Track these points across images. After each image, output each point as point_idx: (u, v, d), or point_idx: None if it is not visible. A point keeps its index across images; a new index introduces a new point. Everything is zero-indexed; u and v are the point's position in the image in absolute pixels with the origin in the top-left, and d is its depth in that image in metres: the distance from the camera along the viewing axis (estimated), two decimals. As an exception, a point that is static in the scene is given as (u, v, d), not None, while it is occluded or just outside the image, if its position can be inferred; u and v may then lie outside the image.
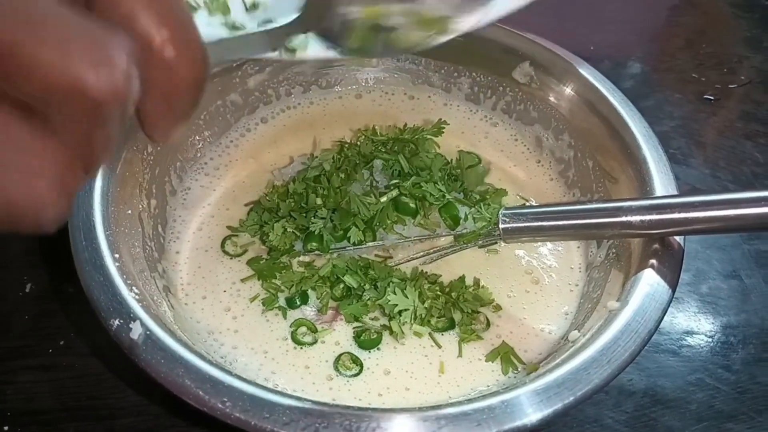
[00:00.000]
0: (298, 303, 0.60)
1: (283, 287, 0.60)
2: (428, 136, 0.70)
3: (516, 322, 0.60)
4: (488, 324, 0.60)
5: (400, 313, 0.57)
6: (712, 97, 0.88)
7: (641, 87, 0.90)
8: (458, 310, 0.59)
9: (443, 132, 0.70)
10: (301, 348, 0.57)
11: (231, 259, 0.63)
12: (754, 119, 0.86)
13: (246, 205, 0.68)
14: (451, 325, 0.59)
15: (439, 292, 0.60)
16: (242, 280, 0.62)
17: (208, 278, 0.62)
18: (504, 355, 0.57)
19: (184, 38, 0.22)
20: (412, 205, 0.64)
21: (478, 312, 0.60)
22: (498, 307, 0.61)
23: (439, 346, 0.58)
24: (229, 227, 0.66)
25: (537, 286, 0.63)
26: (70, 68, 0.18)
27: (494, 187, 0.69)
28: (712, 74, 0.91)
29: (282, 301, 0.60)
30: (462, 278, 0.62)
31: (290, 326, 0.58)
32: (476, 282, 0.62)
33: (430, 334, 0.58)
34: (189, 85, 0.23)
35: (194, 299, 0.60)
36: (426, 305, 0.58)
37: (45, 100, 0.19)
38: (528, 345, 0.59)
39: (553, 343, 0.58)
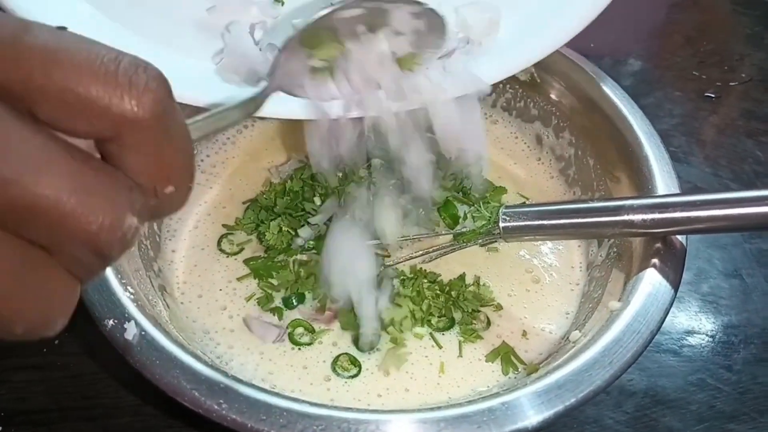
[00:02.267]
0: (295, 303, 0.59)
1: (279, 287, 0.60)
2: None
3: (516, 322, 0.60)
4: (489, 323, 0.59)
5: (396, 322, 0.57)
6: (712, 95, 0.88)
7: (641, 85, 0.89)
8: (458, 309, 0.58)
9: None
10: (299, 348, 0.57)
11: (227, 257, 0.63)
12: (755, 117, 0.85)
13: (243, 203, 0.67)
14: (451, 325, 0.58)
15: (438, 291, 0.59)
16: (238, 279, 0.61)
17: (204, 277, 0.61)
18: (504, 355, 0.56)
19: (183, 174, 0.24)
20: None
21: (479, 311, 0.59)
22: (499, 307, 0.60)
23: (440, 347, 0.57)
24: (224, 225, 0.65)
25: (538, 285, 0.62)
26: (89, 227, 0.21)
27: (494, 185, 0.68)
28: (712, 72, 0.91)
29: (278, 301, 0.59)
30: (462, 276, 0.61)
31: (287, 326, 0.58)
32: (476, 280, 0.61)
33: (430, 334, 0.58)
34: (175, 209, 0.25)
35: (190, 298, 0.60)
36: (425, 305, 0.58)
37: (56, 243, 0.21)
38: (528, 345, 0.58)
39: (553, 343, 0.58)
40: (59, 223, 0.20)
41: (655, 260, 0.52)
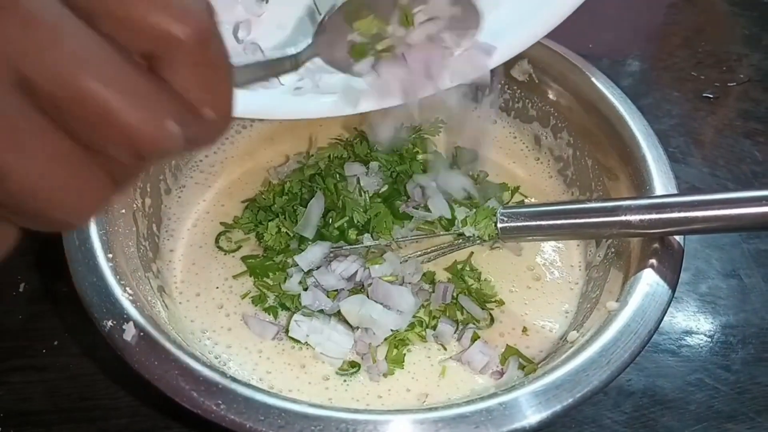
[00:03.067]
0: (290, 308, 0.59)
1: (273, 288, 0.60)
2: (426, 136, 0.69)
3: (517, 318, 0.60)
4: (492, 320, 0.59)
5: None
6: (711, 96, 0.88)
7: (640, 85, 0.89)
8: (460, 309, 0.58)
9: (440, 132, 0.69)
10: (298, 348, 0.57)
11: (225, 254, 0.63)
12: (753, 118, 0.85)
13: (242, 202, 0.67)
14: (454, 324, 0.58)
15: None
16: (234, 277, 0.61)
17: (202, 275, 0.61)
18: (511, 358, 0.56)
19: (221, 102, 0.25)
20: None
21: (483, 308, 0.59)
22: (501, 302, 0.60)
23: (444, 348, 0.57)
24: (222, 224, 0.65)
25: (538, 283, 0.62)
26: (132, 122, 0.22)
27: (507, 186, 0.68)
28: (710, 72, 0.91)
29: (272, 300, 0.59)
30: (457, 270, 0.61)
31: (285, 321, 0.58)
32: (478, 276, 0.61)
33: (433, 336, 0.58)
34: (216, 136, 0.26)
35: (188, 297, 0.60)
36: (424, 311, 0.58)
37: (98, 138, 0.22)
38: (529, 342, 0.58)
39: (554, 341, 0.58)
40: (103, 115, 0.21)
41: (652, 260, 0.52)
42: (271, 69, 0.37)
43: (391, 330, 0.56)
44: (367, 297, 0.57)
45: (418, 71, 0.49)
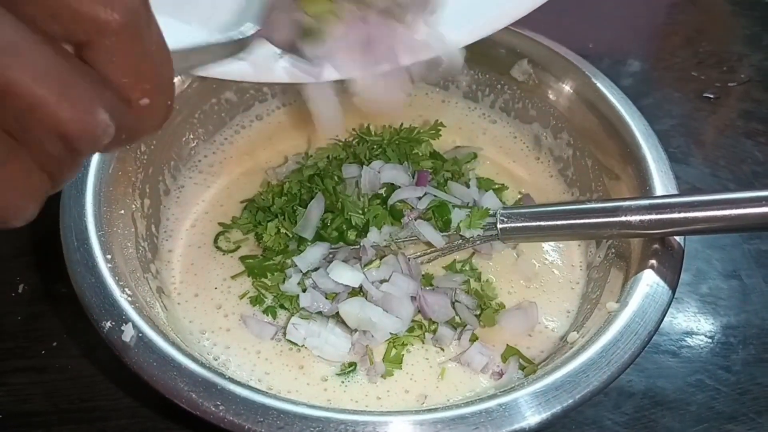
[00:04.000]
0: (289, 309, 0.59)
1: (271, 289, 0.60)
2: (425, 138, 0.69)
3: (519, 320, 0.59)
4: (493, 321, 0.59)
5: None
6: (711, 96, 0.88)
7: (640, 85, 0.89)
8: (458, 315, 0.58)
9: (440, 135, 0.69)
10: (296, 349, 0.57)
11: (224, 254, 0.63)
12: (754, 118, 0.85)
13: (241, 202, 0.67)
14: (453, 329, 0.58)
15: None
16: (232, 277, 0.61)
17: (200, 275, 0.61)
18: (512, 358, 0.56)
19: (157, 88, 0.24)
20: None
21: (484, 308, 0.59)
22: (501, 305, 0.60)
23: (442, 349, 0.57)
24: (221, 224, 0.65)
25: (539, 282, 0.62)
26: (60, 113, 0.21)
27: (494, 182, 0.68)
28: (711, 72, 0.91)
29: (270, 301, 0.59)
30: (456, 269, 0.61)
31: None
32: (478, 276, 0.61)
33: (432, 339, 0.57)
34: (157, 123, 0.25)
35: (186, 297, 0.60)
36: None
37: (27, 130, 0.21)
38: (531, 342, 0.58)
39: (555, 341, 0.58)
40: (30, 107, 0.21)
41: (653, 261, 0.52)
42: (214, 54, 0.35)
43: (390, 333, 0.56)
44: (366, 299, 0.57)
45: (375, 46, 0.47)
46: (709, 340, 0.64)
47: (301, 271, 0.59)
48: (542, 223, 0.55)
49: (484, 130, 0.75)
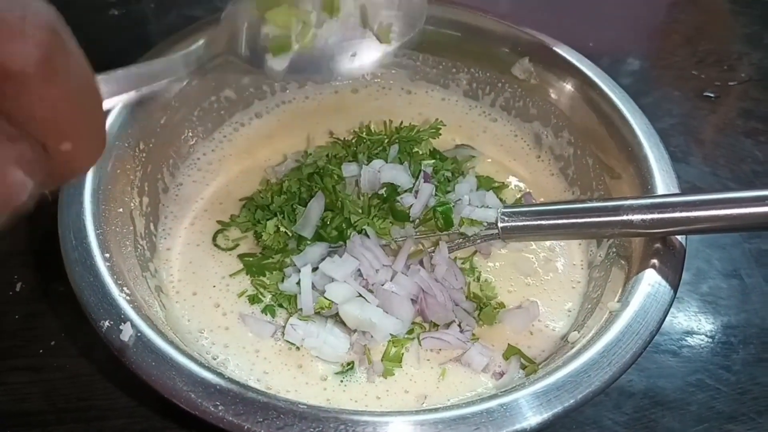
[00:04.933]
0: (287, 309, 0.58)
1: (270, 288, 0.59)
2: (425, 137, 0.68)
3: (520, 318, 0.59)
4: (493, 320, 0.58)
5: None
6: (711, 95, 0.88)
7: (640, 84, 0.89)
8: (459, 312, 0.58)
9: (440, 134, 0.69)
10: (295, 348, 0.56)
11: (222, 253, 0.62)
12: (753, 117, 0.85)
13: (240, 200, 0.66)
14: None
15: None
16: (231, 275, 0.61)
17: (199, 273, 0.61)
18: (513, 357, 0.56)
19: (80, 130, 0.22)
20: (407, 212, 0.63)
21: (485, 307, 0.59)
22: (501, 305, 0.60)
23: (440, 349, 0.57)
24: (219, 222, 0.64)
25: (540, 281, 0.62)
26: None
27: (493, 181, 0.68)
28: (711, 71, 0.91)
29: (268, 299, 0.59)
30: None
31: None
32: (478, 276, 0.61)
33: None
34: (83, 170, 0.23)
35: (185, 296, 0.59)
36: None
37: None
38: (531, 341, 0.58)
39: (556, 340, 0.58)
40: None
41: (654, 261, 0.52)
42: (158, 75, 0.31)
43: (390, 335, 0.56)
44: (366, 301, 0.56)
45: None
46: (710, 340, 0.64)
47: (299, 271, 0.59)
48: (543, 222, 0.55)
49: (484, 129, 0.74)
